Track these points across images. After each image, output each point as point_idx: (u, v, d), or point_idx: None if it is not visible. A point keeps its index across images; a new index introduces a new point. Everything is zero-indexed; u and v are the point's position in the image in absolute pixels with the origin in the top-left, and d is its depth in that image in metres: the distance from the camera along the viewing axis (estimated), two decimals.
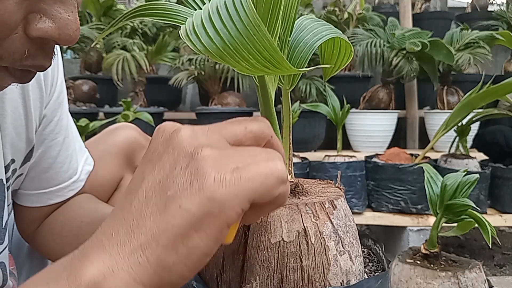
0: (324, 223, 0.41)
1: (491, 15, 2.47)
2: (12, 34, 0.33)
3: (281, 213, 0.40)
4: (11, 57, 0.35)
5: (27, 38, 0.34)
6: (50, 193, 0.62)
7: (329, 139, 2.10)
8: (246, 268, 0.40)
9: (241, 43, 0.31)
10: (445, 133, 1.43)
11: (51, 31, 0.34)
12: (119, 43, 2.10)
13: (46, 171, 0.61)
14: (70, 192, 0.64)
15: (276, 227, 0.40)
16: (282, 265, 0.39)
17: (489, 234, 0.70)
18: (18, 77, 0.38)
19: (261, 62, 0.32)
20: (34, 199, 0.62)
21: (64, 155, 0.62)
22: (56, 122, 0.60)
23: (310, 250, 0.40)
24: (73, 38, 0.35)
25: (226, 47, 0.31)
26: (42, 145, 0.59)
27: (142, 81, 2.11)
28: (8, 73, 0.37)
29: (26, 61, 0.36)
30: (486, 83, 1.33)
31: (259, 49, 0.31)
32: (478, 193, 1.53)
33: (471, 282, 0.79)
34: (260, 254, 0.40)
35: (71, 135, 0.64)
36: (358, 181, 1.63)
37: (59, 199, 0.63)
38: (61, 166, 0.62)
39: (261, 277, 0.40)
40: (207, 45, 0.31)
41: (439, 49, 1.78)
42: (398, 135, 2.21)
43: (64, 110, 0.62)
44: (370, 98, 2.09)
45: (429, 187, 0.81)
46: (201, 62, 1.94)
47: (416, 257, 0.86)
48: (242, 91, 2.03)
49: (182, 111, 2.64)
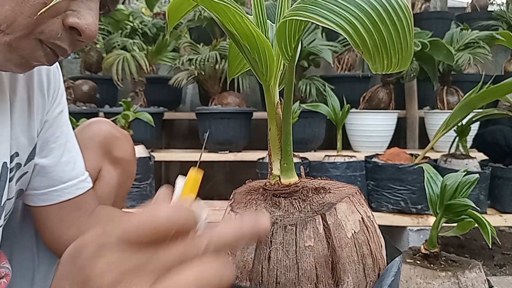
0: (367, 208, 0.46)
1: (491, 15, 2.47)
2: (55, 17, 0.48)
3: (343, 208, 0.42)
4: (49, 33, 0.48)
5: (63, 26, 0.49)
6: (59, 190, 0.67)
7: (329, 139, 2.10)
8: (339, 270, 0.42)
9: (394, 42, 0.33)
10: (445, 133, 1.43)
11: (81, 24, 0.49)
12: (119, 43, 2.10)
13: (53, 169, 0.67)
14: (78, 190, 0.69)
15: (346, 222, 0.42)
16: (362, 255, 0.42)
17: (489, 234, 0.71)
18: (46, 53, 0.50)
19: (401, 59, 0.34)
20: (46, 197, 0.67)
21: (68, 156, 0.68)
22: (56, 128, 0.67)
23: (371, 234, 0.44)
24: (93, 34, 0.50)
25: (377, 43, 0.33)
26: (46, 147, 0.66)
27: (142, 81, 2.10)
28: (41, 46, 0.49)
29: (57, 41, 0.49)
30: (486, 83, 1.33)
31: (404, 48, 0.33)
32: (478, 193, 1.53)
33: (471, 282, 0.79)
34: (344, 251, 0.42)
35: (72, 142, 0.70)
36: (358, 181, 1.63)
37: (69, 196, 0.68)
38: (66, 165, 0.68)
39: (351, 272, 0.42)
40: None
41: (439, 49, 1.78)
42: (398, 135, 2.21)
43: (64, 118, 0.69)
44: (370, 98, 2.09)
45: (429, 187, 0.81)
46: (201, 62, 1.94)
47: (416, 257, 0.86)
48: (242, 91, 2.03)
49: (182, 111, 2.64)
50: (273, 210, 0.44)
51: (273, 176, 0.47)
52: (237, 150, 2.01)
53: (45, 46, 0.50)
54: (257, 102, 2.38)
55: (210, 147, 2.04)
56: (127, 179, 0.87)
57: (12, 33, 0.47)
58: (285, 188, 0.46)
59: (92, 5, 0.50)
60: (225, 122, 1.93)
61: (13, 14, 0.45)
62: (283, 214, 0.43)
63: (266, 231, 0.28)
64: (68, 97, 2.09)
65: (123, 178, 0.84)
